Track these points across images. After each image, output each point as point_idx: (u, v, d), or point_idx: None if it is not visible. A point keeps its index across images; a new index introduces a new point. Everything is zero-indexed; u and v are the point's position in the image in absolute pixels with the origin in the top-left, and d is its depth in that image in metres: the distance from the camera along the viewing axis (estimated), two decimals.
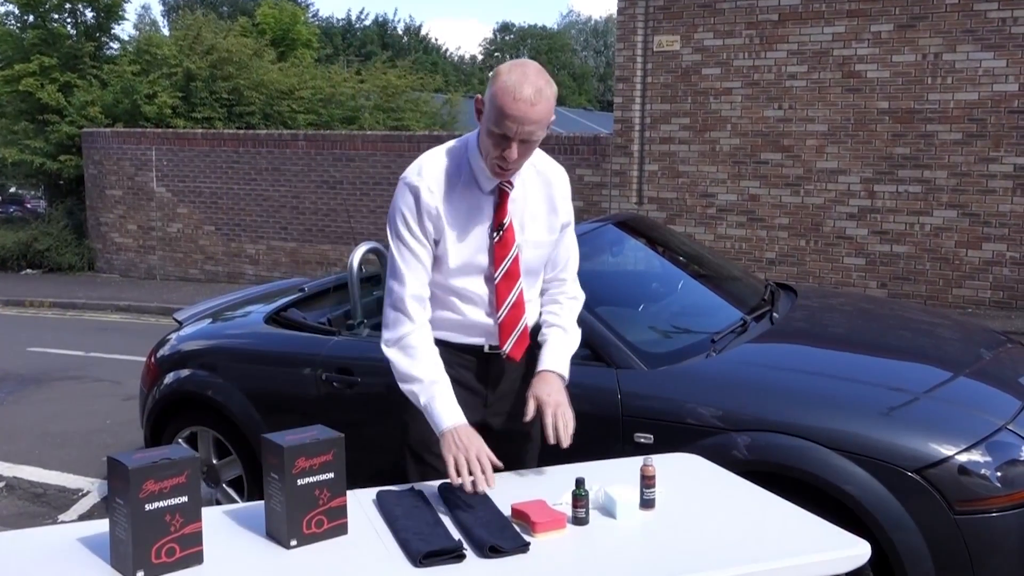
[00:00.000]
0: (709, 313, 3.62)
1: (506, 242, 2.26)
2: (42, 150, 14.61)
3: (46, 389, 7.08)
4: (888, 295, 8.76)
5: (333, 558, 1.83)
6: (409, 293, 2.23)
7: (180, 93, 14.58)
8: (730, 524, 1.95)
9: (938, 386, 3.03)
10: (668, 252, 4.20)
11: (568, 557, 1.82)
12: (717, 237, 9.53)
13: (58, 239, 14.46)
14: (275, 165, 12.12)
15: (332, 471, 1.92)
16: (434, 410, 2.16)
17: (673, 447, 2.84)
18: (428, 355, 2.22)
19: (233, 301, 4.67)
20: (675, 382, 2.99)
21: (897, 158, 8.64)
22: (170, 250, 13.21)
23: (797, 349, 3.39)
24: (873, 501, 2.58)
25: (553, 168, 2.39)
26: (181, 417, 4.10)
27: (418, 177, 2.22)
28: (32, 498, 4.85)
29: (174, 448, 1.82)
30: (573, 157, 10.19)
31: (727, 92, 9.30)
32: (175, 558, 1.77)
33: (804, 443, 2.69)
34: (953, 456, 2.58)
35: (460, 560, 1.79)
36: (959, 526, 2.54)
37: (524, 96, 2.04)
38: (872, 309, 4.24)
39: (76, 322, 10.66)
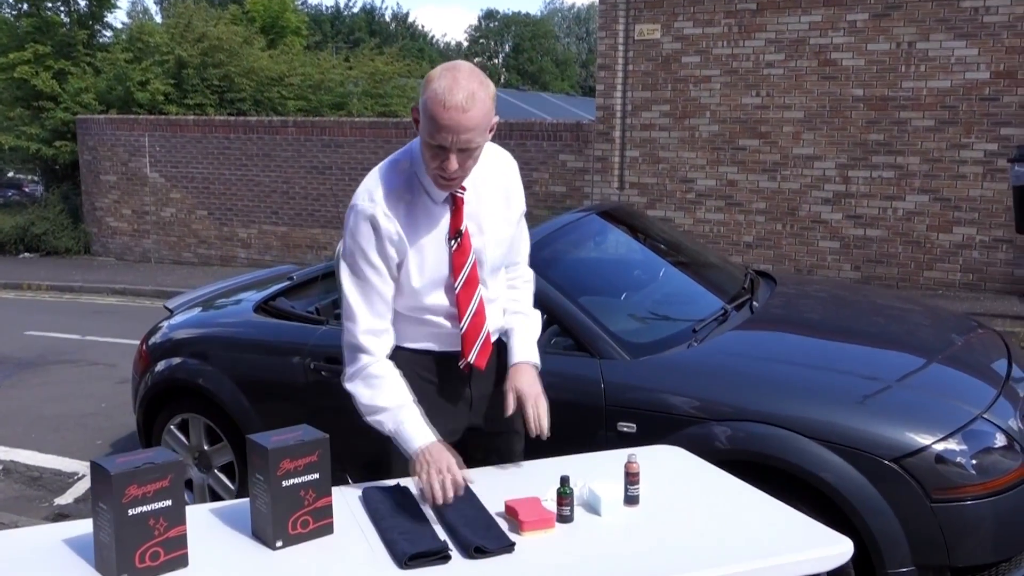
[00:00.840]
0: (691, 302, 3.56)
1: (463, 249, 2.11)
2: (38, 136, 14.39)
3: (43, 373, 6.97)
4: (861, 278, 8.74)
5: (319, 560, 1.76)
6: (363, 329, 2.08)
7: (172, 80, 14.36)
8: (714, 521, 1.89)
9: (914, 374, 3.00)
10: (651, 241, 4.13)
11: (553, 557, 1.76)
12: (696, 221, 9.47)
13: (55, 223, 14.25)
14: (265, 151, 11.95)
15: (317, 472, 1.85)
16: (403, 434, 2.03)
17: (656, 436, 2.79)
18: (390, 383, 2.08)
19: (223, 289, 4.58)
20: (657, 372, 2.93)
21: (871, 144, 8.59)
22: (164, 234, 13.04)
23: (777, 338, 3.33)
24: (850, 488, 2.54)
25: (501, 159, 2.22)
26: (173, 404, 4.03)
27: (371, 203, 2.03)
28: (29, 481, 4.76)
29: (158, 451, 1.75)
30: (556, 143, 10.09)
31: (706, 80, 9.21)
32: (159, 562, 1.70)
33: (783, 432, 2.64)
34: (930, 445, 2.54)
35: (445, 561, 1.73)
36: (935, 513, 2.50)
37: (455, 103, 1.86)
38: (848, 296, 4.20)
39: (73, 305, 10.51)
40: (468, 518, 1.89)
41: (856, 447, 2.56)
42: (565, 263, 3.57)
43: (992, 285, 8.28)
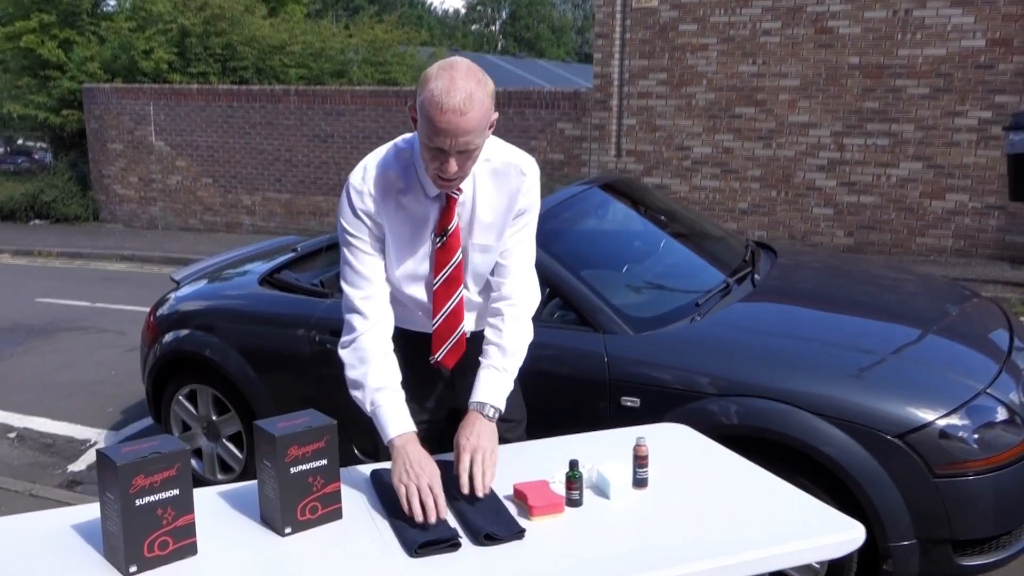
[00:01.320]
0: (693, 275, 3.48)
1: (449, 248, 1.98)
2: (45, 105, 14.17)
3: (54, 340, 6.90)
4: (854, 244, 8.66)
5: (328, 547, 1.70)
6: (360, 295, 1.99)
7: (175, 49, 14.10)
8: (724, 505, 1.82)
9: (916, 348, 2.92)
10: (653, 214, 4.03)
11: (563, 543, 1.70)
12: (692, 188, 9.35)
13: (63, 191, 14.08)
14: (268, 119, 11.76)
15: (325, 458, 1.78)
16: (380, 418, 1.92)
17: (660, 411, 2.73)
18: (378, 360, 1.95)
19: (228, 261, 4.49)
20: (661, 347, 2.86)
21: (866, 112, 8.45)
22: (170, 201, 12.90)
23: (780, 311, 3.25)
24: (853, 463, 2.48)
25: (514, 162, 1.98)
26: (181, 375, 3.97)
27: (361, 182, 1.94)
28: (42, 448, 4.71)
29: (164, 440, 1.67)
30: (554, 111, 9.93)
31: (703, 48, 9.02)
32: (168, 551, 1.64)
33: (787, 407, 2.58)
34: (934, 421, 2.48)
35: (455, 549, 1.67)
36: (939, 488, 2.45)
37: (452, 106, 1.72)
38: (846, 267, 4.11)
39: (82, 271, 10.41)
40: (478, 503, 1.82)
41: (860, 423, 2.50)
42: (567, 237, 3.48)
43: (983, 251, 8.20)
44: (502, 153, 2.00)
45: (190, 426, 4.01)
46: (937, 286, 3.87)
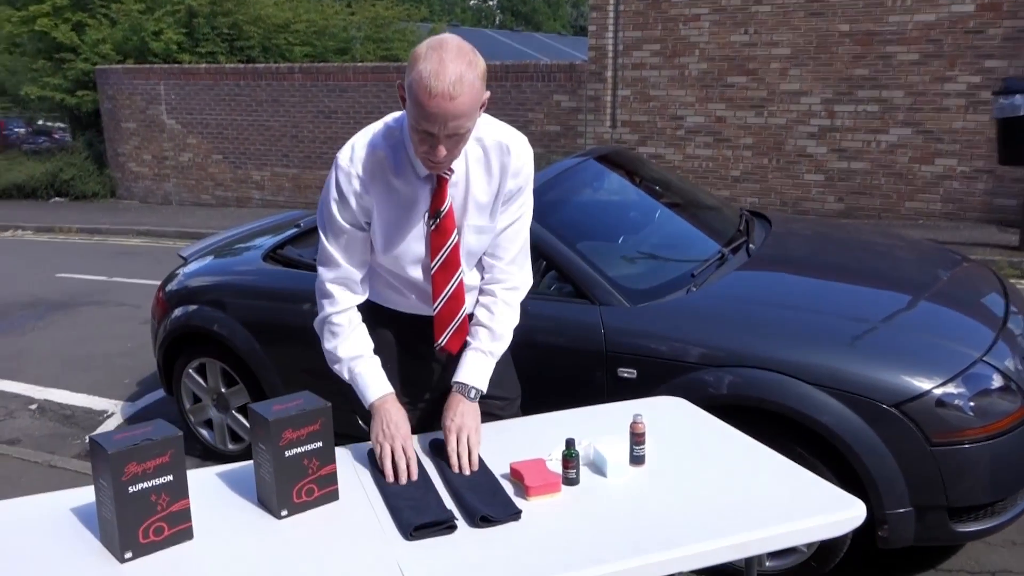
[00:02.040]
0: (689, 246, 3.36)
1: (444, 230, 1.85)
2: (61, 86, 13.98)
3: (73, 314, 6.82)
4: (845, 208, 8.50)
5: (324, 529, 1.61)
6: (332, 277, 1.91)
7: (184, 29, 13.85)
8: (723, 483, 1.73)
9: (910, 315, 2.80)
10: (648, 185, 3.90)
11: (560, 523, 1.61)
12: (685, 157, 9.17)
13: (81, 169, 13.94)
14: (274, 97, 11.56)
15: (320, 440, 1.69)
16: (359, 385, 1.90)
17: (656, 382, 2.64)
18: (351, 333, 1.92)
19: (234, 237, 4.38)
20: (657, 318, 2.75)
21: (856, 79, 8.23)
22: (183, 178, 12.74)
23: (775, 281, 3.11)
24: (848, 431, 2.39)
25: (505, 141, 1.85)
26: (190, 349, 3.88)
27: (349, 162, 1.81)
28: (62, 419, 4.65)
29: (157, 426, 1.58)
30: (551, 84, 9.72)
31: (695, 19, 8.78)
32: (163, 536, 1.56)
33: (782, 378, 2.48)
34: (931, 390, 2.37)
35: (451, 531, 1.58)
36: (935, 457, 2.35)
37: (441, 90, 1.57)
38: (839, 235, 3.97)
39: (101, 247, 10.31)
40: (474, 483, 1.73)
41: (856, 392, 2.40)
42: (564, 209, 3.36)
43: (971, 215, 8.05)
44: (494, 131, 1.87)
45: (200, 398, 3.94)
46: (927, 251, 3.74)
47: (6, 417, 4.67)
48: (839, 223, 6.41)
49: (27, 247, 10.54)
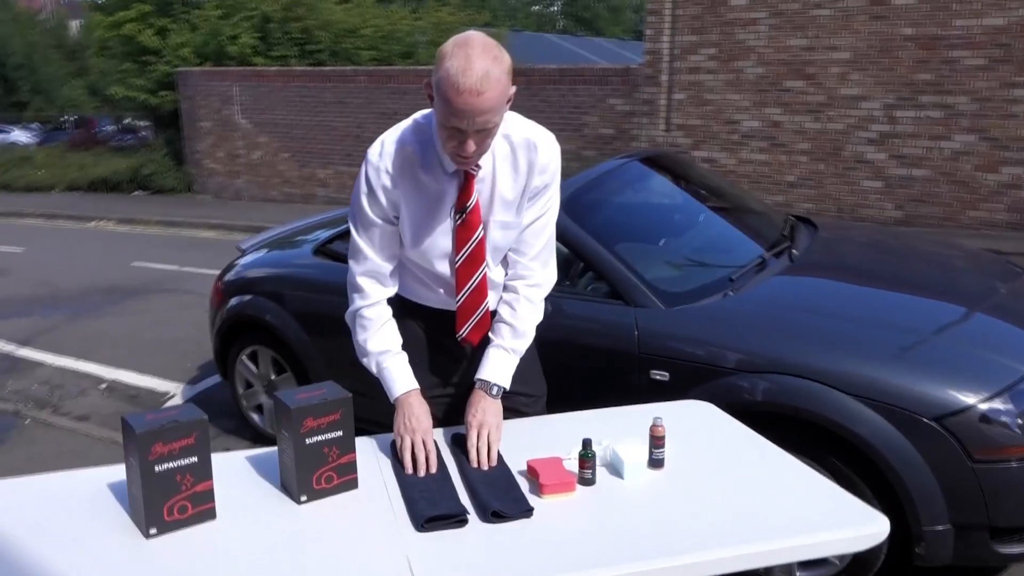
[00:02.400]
0: (729, 250, 3.26)
1: (469, 225, 1.83)
2: (144, 87, 14.49)
3: (145, 300, 7.04)
4: (904, 217, 8.18)
5: (340, 516, 1.61)
6: (362, 271, 1.90)
7: (259, 34, 14.20)
8: (743, 491, 1.66)
9: (957, 325, 2.66)
10: (692, 187, 3.81)
11: (572, 523, 1.57)
12: (740, 162, 8.96)
13: (161, 165, 14.43)
14: (339, 98, 11.74)
15: (340, 429, 1.68)
16: (385, 380, 1.89)
17: (690, 385, 2.57)
18: (380, 327, 1.91)
19: (290, 231, 4.45)
20: (692, 321, 2.67)
21: (919, 84, 7.91)
22: (253, 175, 13.06)
23: (816, 288, 3.00)
24: (885, 444, 2.27)
25: (532, 138, 1.82)
26: (244, 337, 3.96)
27: (378, 157, 1.80)
28: (128, 399, 4.80)
29: (185, 409, 1.60)
30: (605, 87, 9.61)
31: (753, 23, 8.57)
32: (187, 515, 1.57)
33: (819, 386, 2.38)
34: (975, 405, 2.24)
35: (462, 525, 1.56)
36: (976, 474, 2.22)
37: (469, 86, 1.57)
38: (889, 242, 3.81)
39: (175, 238, 10.63)
40: (490, 478, 1.71)
41: (895, 404, 2.28)
42: (604, 209, 3.31)
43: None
44: (522, 128, 1.84)
45: (252, 384, 4.01)
46: (986, 262, 3.55)
47: (79, 395, 4.85)
48: (893, 230, 6.17)
49: (109, 237, 10.95)
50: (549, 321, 2.80)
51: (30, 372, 5.24)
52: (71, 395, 4.83)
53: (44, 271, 8.43)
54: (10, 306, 6.98)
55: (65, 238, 10.93)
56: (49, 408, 4.62)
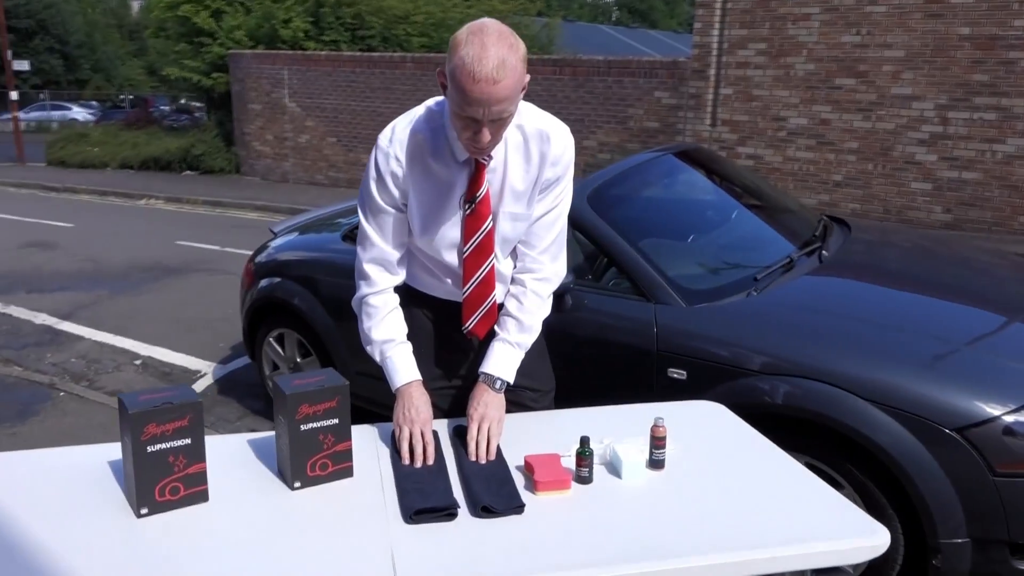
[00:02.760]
0: (758, 248, 3.17)
1: (479, 215, 1.80)
2: (198, 68, 14.73)
3: (184, 279, 7.17)
4: (952, 220, 7.92)
5: (331, 505, 1.60)
6: (370, 257, 1.88)
7: (311, 18, 14.33)
8: (743, 496, 1.60)
9: (990, 336, 2.55)
10: (726, 185, 3.71)
11: (564, 521, 1.53)
12: (785, 159, 8.76)
13: (211, 146, 14.69)
14: (386, 84, 11.79)
15: (336, 417, 1.67)
16: (388, 369, 1.87)
17: (706, 385, 2.51)
18: (386, 316, 1.89)
19: (323, 215, 4.47)
20: (712, 320, 2.60)
21: (974, 85, 7.63)
22: (300, 158, 13.21)
23: (843, 290, 2.89)
24: (904, 453, 2.19)
25: (545, 129, 1.78)
26: (272, 319, 3.99)
27: (388, 143, 1.77)
28: (161, 376, 4.89)
29: (181, 391, 1.60)
30: (652, 80, 9.47)
31: (805, 18, 8.35)
32: (179, 496, 1.57)
33: (838, 391, 2.30)
34: (1000, 417, 2.15)
35: (452, 519, 1.53)
36: (998, 488, 2.13)
37: (485, 75, 1.53)
38: (929, 247, 3.67)
39: (220, 218, 10.81)
40: (486, 472, 1.68)
41: (915, 413, 2.19)
42: (632, 203, 3.24)
43: None
44: (535, 119, 1.80)
45: (279, 366, 4.04)
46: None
47: (113, 370, 4.95)
48: (935, 235, 5.97)
49: (156, 215, 11.18)
50: (570, 315, 2.78)
51: (70, 346, 5.38)
52: (106, 370, 4.94)
53: (90, 247, 8.64)
54: (56, 280, 7.17)
55: (114, 215, 11.20)
56: (85, 382, 4.72)
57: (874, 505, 2.30)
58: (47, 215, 10.98)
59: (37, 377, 4.64)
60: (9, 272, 7.50)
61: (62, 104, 30.43)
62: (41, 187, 14.08)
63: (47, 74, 29.52)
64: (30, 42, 29.28)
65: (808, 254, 3.06)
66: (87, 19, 30.57)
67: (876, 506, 2.30)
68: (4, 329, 5.75)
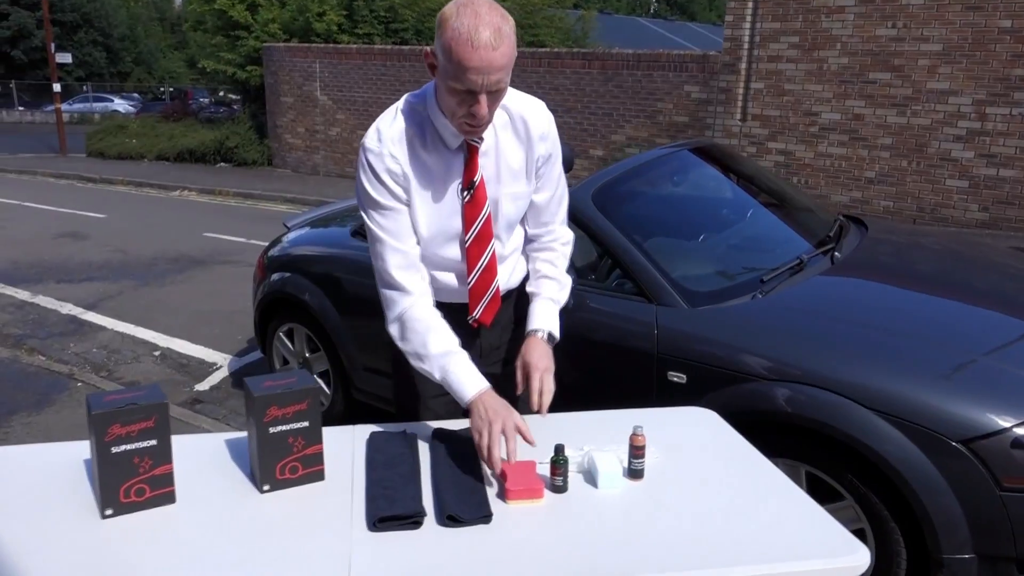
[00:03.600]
0: (768, 249, 3.07)
1: (477, 201, 1.78)
2: (233, 61, 14.90)
3: (208, 270, 7.25)
4: (989, 219, 7.67)
5: (298, 508, 1.56)
6: (395, 265, 1.78)
7: (345, 11, 14.39)
8: (721, 509, 1.54)
9: (1005, 344, 2.43)
10: (741, 183, 3.61)
11: (533, 532, 1.48)
12: (817, 155, 8.56)
13: (244, 138, 14.85)
14: (416, 78, 11.79)
15: (307, 420, 1.63)
16: (452, 383, 1.73)
17: (706, 389, 2.44)
18: (432, 327, 1.77)
19: (333, 212, 4.46)
20: (714, 323, 2.52)
21: (1014, 79, 7.36)
22: (331, 150, 13.29)
23: (853, 293, 2.78)
24: (907, 465, 2.10)
25: (527, 107, 1.81)
26: (282, 313, 4.00)
27: (378, 143, 1.73)
28: (178, 367, 4.94)
29: (149, 391, 1.58)
30: (682, 74, 9.32)
31: (839, 10, 8.14)
32: (144, 498, 1.55)
33: (841, 399, 2.21)
34: (1009, 428, 2.04)
35: (416, 527, 1.49)
36: (1004, 503, 2.03)
37: (483, 41, 1.53)
38: (953, 249, 3.52)
39: (250, 210, 10.93)
40: (457, 479, 1.63)
41: (920, 424, 2.10)
42: (642, 200, 3.17)
43: None
44: (514, 98, 1.80)
45: (288, 360, 4.05)
46: None
47: (132, 361, 5.01)
48: (963, 236, 5.75)
49: (188, 206, 11.34)
50: (572, 315, 2.72)
51: (92, 336, 5.46)
52: (126, 360, 5.01)
53: (121, 238, 8.79)
54: (84, 270, 7.30)
55: (147, 206, 11.38)
56: (104, 372, 4.79)
57: (876, 517, 2.21)
58: (83, 206, 11.19)
59: (57, 367, 4.72)
60: (40, 261, 7.66)
61: (104, 96, 31.07)
62: (80, 178, 14.38)
63: (90, 67, 30.18)
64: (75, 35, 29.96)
65: (820, 255, 2.95)
66: (130, 13, 31.17)
67: (878, 518, 2.21)
68: (31, 318, 5.87)
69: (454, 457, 1.72)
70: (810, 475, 2.33)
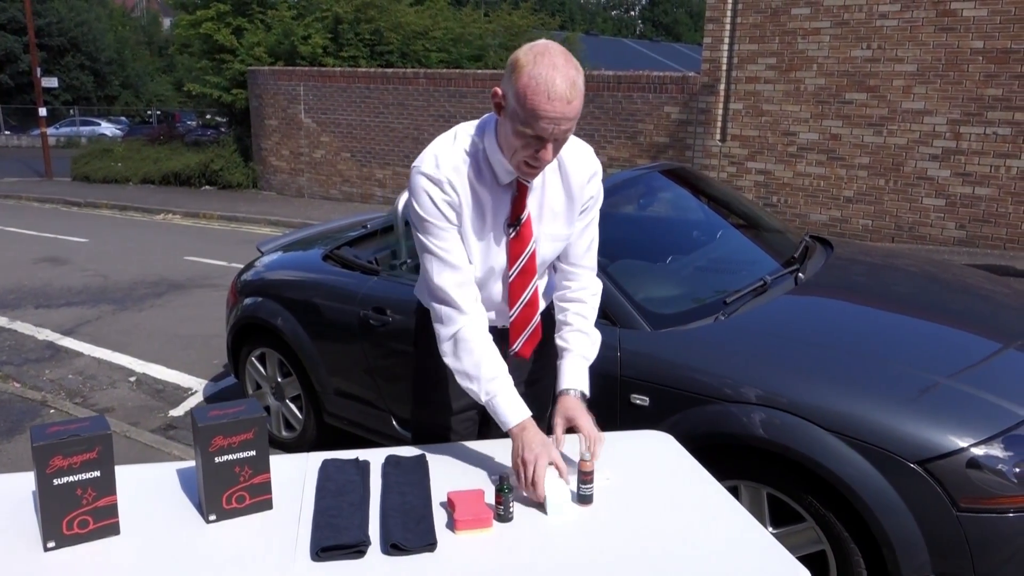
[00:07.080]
0: (733, 270, 3.09)
1: (523, 238, 1.82)
2: (219, 84, 14.92)
3: (187, 295, 7.22)
4: (966, 237, 7.74)
5: (242, 540, 1.55)
6: (450, 282, 1.80)
7: (330, 35, 14.46)
8: (670, 534, 1.54)
9: (967, 364, 2.43)
10: (710, 205, 3.64)
11: (478, 562, 1.47)
12: (796, 175, 8.64)
13: (229, 161, 14.86)
14: (399, 100, 11.86)
15: (253, 449, 1.63)
16: (497, 408, 1.75)
17: (668, 412, 2.44)
18: (483, 350, 1.79)
19: (307, 236, 4.47)
20: (677, 345, 2.53)
21: (988, 99, 7.47)
22: (315, 173, 13.31)
23: (815, 314, 2.80)
24: (866, 487, 2.10)
25: (575, 151, 1.84)
26: (254, 338, 3.98)
27: (436, 169, 1.75)
28: (153, 393, 4.91)
29: (93, 422, 1.57)
30: (662, 95, 9.41)
31: (815, 32, 8.25)
32: (88, 530, 1.54)
33: (799, 421, 2.22)
34: (965, 449, 2.05)
35: (360, 556, 1.48)
36: (961, 523, 2.03)
37: (559, 94, 1.57)
38: (921, 269, 3.55)
39: (233, 234, 10.91)
40: (406, 507, 1.63)
41: (878, 445, 2.11)
42: (609, 222, 3.16)
43: None
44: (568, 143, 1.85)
45: (261, 385, 4.03)
46: None
47: (108, 387, 4.98)
48: (944, 262, 5.80)
49: (171, 230, 11.31)
50: None
51: (68, 362, 5.42)
52: (101, 386, 4.97)
53: (101, 262, 8.75)
54: (63, 296, 7.26)
55: (130, 230, 11.35)
56: (78, 398, 4.75)
57: (837, 539, 2.21)
58: (65, 230, 11.16)
59: (30, 394, 4.67)
60: (19, 287, 7.62)
61: (91, 119, 31.07)
62: (64, 202, 14.34)
63: (78, 90, 30.21)
64: (62, 59, 30.01)
65: (784, 276, 2.97)
66: (118, 36, 31.23)
67: (839, 540, 2.21)
68: (8, 344, 5.82)
69: (404, 485, 1.71)
70: (772, 497, 2.33)
